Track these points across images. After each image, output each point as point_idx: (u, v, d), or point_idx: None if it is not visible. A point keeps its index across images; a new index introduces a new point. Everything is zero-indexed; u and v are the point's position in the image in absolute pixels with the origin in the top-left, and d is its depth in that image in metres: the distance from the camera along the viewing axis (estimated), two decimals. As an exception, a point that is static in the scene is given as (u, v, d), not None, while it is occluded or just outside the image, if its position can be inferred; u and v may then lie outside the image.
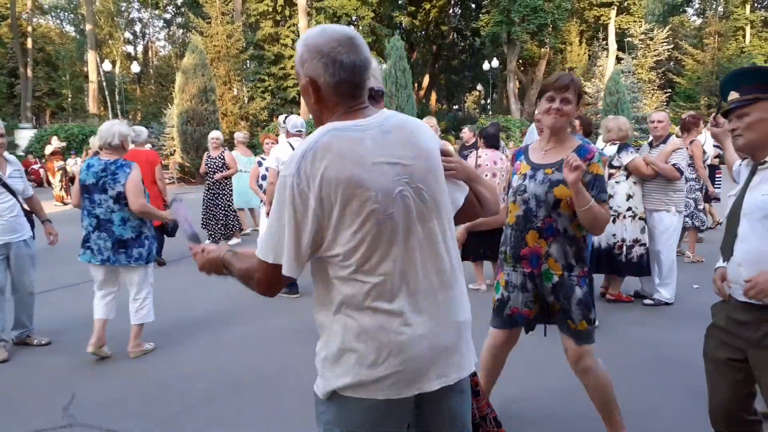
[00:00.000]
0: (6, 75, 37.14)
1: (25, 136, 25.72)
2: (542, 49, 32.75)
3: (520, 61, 34.19)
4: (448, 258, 1.54)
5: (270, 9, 34.90)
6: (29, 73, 36.05)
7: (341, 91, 1.49)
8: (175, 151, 21.07)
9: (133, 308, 4.26)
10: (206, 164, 8.58)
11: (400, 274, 1.45)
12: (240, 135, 9.88)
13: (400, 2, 35.57)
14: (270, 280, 1.51)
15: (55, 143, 17.39)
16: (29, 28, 38.03)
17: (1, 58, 37.49)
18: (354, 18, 34.05)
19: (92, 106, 33.29)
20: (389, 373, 1.44)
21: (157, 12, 44.93)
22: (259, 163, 7.98)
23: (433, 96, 41.86)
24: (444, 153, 1.63)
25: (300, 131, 6.00)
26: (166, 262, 7.37)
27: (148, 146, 7.41)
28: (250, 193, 8.38)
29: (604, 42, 34.23)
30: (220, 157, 8.52)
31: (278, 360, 4.15)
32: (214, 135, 8.79)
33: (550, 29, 29.89)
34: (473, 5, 37.62)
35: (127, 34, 47.11)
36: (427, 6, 35.82)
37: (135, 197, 4.05)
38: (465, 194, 1.71)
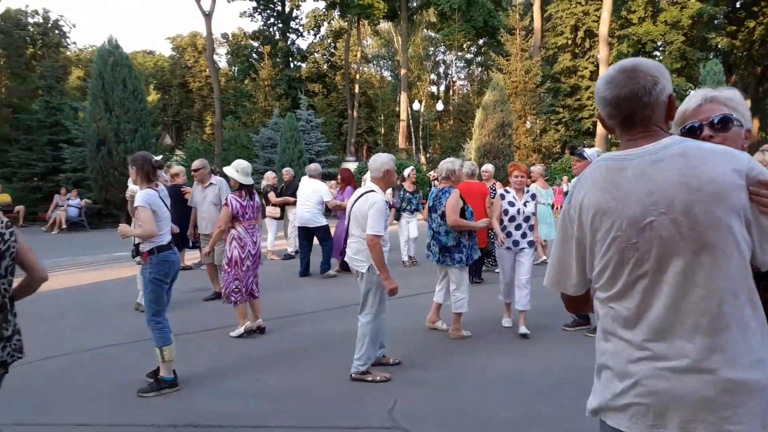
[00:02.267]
0: (337, 116, 44.16)
1: (350, 167, 30.21)
2: None
3: None
4: (718, 302, 1.37)
5: (569, 42, 34.69)
6: (355, 113, 42.27)
7: (614, 123, 1.60)
8: (470, 183, 22.35)
9: (453, 300, 5.60)
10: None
11: (642, 306, 1.45)
12: (538, 168, 10.07)
13: (716, 23, 31.86)
14: (568, 303, 1.75)
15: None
16: (357, 76, 44.72)
17: (334, 102, 44.80)
18: (660, 44, 31.65)
19: (401, 142, 37.30)
20: (627, 402, 1.46)
21: (460, 53, 48.42)
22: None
23: (756, 123, 36.15)
24: (762, 183, 1.40)
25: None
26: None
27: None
28: (551, 224, 8.57)
29: None
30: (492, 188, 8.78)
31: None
32: (486, 168, 9.05)
33: None
34: (818, 16, 31.60)
35: (432, 76, 51.80)
36: (751, 24, 31.34)
37: (449, 214, 5.40)
38: None
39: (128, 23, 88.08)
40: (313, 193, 8.84)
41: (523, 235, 5.92)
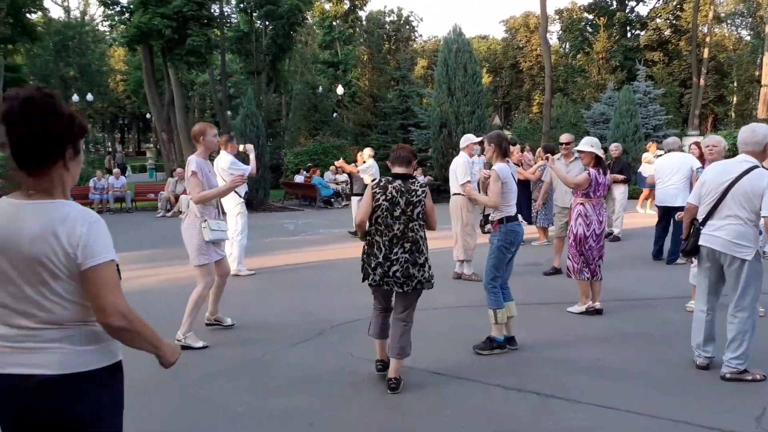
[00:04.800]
0: (678, 85, 39.61)
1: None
2: None
3: None
4: None
5: None
6: (701, 81, 37.28)
7: None
8: None
9: None
10: None
11: None
12: None
13: None
14: None
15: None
16: (706, 39, 39.25)
17: (676, 70, 40.23)
18: None
19: (761, 111, 31.56)
20: None
21: None
22: None
23: None
24: None
25: None
26: None
27: None
28: None
29: None
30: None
31: None
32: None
33: None
34: None
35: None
36: None
37: None
38: None
39: (465, 11, 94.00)
40: (682, 168, 7.95)
41: None
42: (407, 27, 49.67)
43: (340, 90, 30.97)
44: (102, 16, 23.93)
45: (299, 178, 20.49)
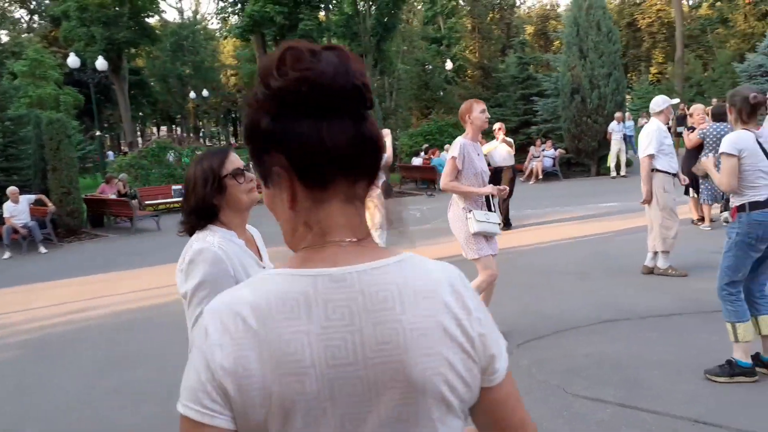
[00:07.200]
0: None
1: None
2: None
3: None
4: None
5: None
6: None
7: None
8: None
9: None
10: None
11: None
12: None
13: None
14: None
15: None
16: None
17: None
18: None
19: None
20: None
21: None
22: None
23: None
24: None
25: None
26: None
27: None
28: None
29: None
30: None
31: None
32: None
33: None
34: None
35: None
36: None
37: None
38: None
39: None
40: None
41: None
42: (510, -7, 47.03)
43: (449, 65, 29.65)
44: (215, 11, 24.35)
45: (417, 161, 19.58)
